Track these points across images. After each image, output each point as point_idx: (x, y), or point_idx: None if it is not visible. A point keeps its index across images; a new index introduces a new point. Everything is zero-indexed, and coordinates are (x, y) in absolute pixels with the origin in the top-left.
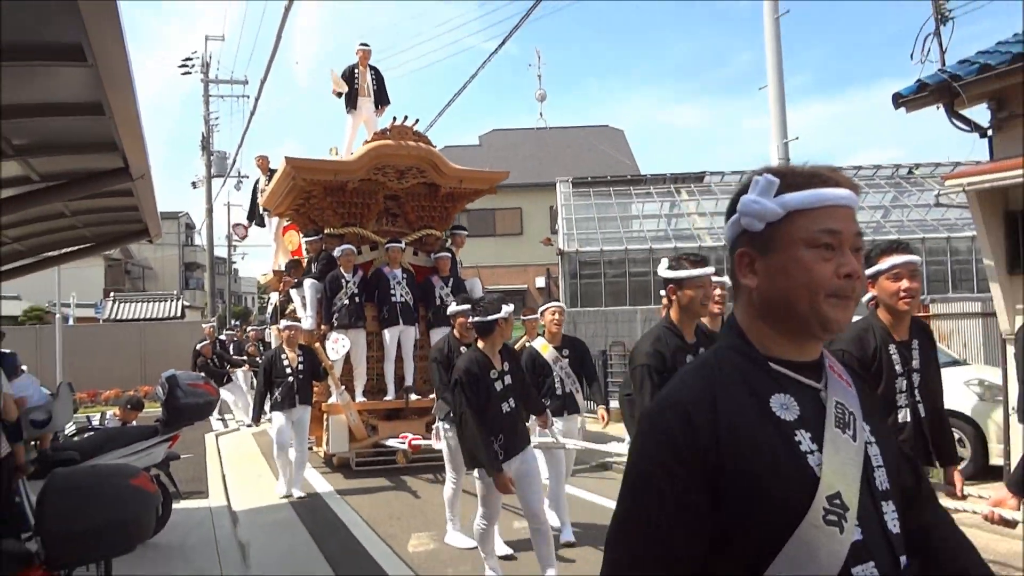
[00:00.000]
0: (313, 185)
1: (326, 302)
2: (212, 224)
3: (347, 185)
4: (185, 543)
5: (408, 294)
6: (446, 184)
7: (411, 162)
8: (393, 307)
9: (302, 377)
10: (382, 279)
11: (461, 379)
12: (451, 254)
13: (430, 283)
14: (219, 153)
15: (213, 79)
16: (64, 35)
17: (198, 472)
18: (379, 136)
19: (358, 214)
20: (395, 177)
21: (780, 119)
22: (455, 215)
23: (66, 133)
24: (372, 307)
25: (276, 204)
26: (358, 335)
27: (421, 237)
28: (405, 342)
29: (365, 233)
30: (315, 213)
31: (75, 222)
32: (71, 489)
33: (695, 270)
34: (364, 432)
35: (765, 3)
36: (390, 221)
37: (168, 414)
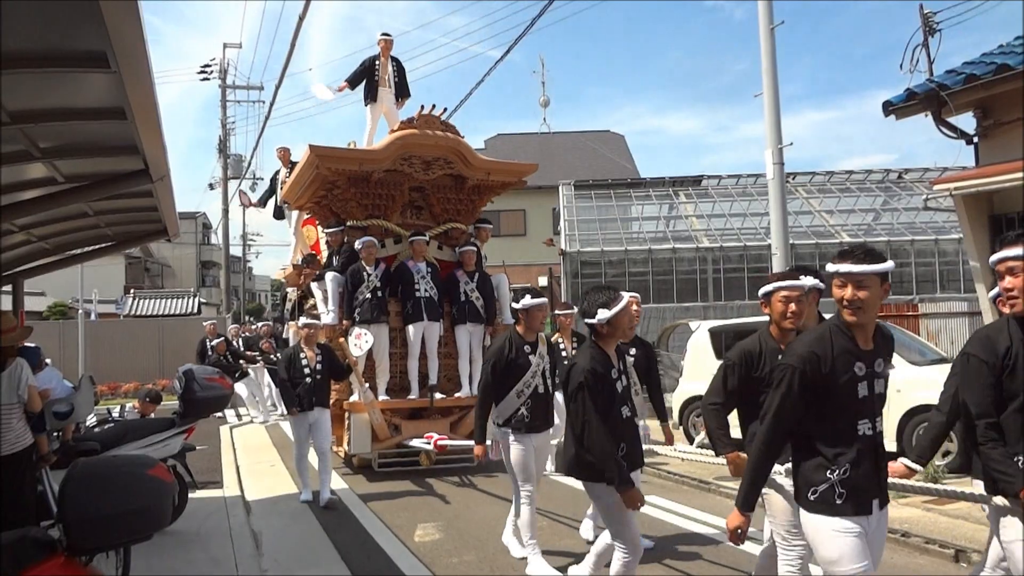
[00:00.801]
0: (337, 175)
1: (348, 296)
2: (228, 224)
3: (372, 176)
4: (201, 531)
5: (432, 289)
6: (473, 176)
7: (438, 152)
8: (417, 302)
9: (320, 378)
10: (406, 273)
11: (586, 381)
12: (476, 248)
13: (455, 278)
14: (235, 156)
15: (230, 84)
16: (89, 43)
17: (213, 463)
18: (405, 125)
19: (382, 206)
20: (421, 168)
21: (775, 125)
22: (481, 209)
23: (90, 136)
24: (395, 302)
25: (297, 196)
26: (381, 330)
27: (446, 231)
28: (429, 338)
29: (389, 226)
30: (338, 205)
31: (98, 221)
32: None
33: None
34: (387, 432)
35: (760, 14)
36: (414, 214)
37: (185, 407)
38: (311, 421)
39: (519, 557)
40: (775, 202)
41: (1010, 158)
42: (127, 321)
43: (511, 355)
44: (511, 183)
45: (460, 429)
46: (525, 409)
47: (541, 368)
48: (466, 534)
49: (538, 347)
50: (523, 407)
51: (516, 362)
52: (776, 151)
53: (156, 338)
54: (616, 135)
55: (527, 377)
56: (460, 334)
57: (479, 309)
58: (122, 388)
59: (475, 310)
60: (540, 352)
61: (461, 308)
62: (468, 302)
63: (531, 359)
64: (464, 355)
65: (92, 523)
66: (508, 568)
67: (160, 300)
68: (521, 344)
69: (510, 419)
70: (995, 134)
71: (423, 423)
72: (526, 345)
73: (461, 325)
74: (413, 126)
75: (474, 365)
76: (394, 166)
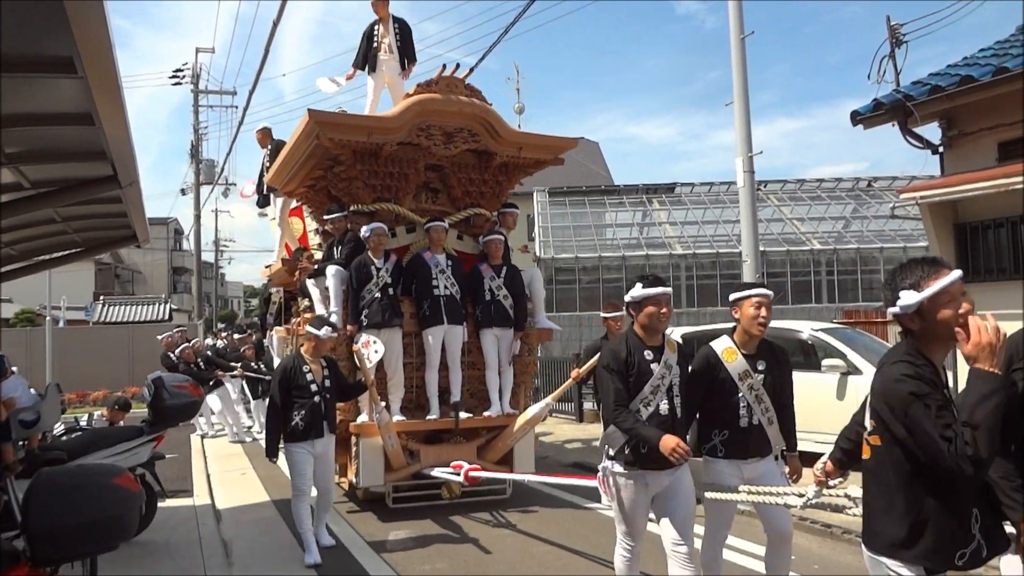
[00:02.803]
0: (341, 148)
1: (352, 295)
2: (200, 230)
3: (383, 150)
4: (170, 541)
5: (454, 286)
6: (502, 152)
7: (462, 121)
8: (436, 302)
9: (329, 397)
10: (422, 267)
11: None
12: (504, 237)
13: (479, 272)
14: (207, 161)
15: (203, 89)
16: (56, 48)
17: (183, 471)
18: (423, 89)
19: (393, 187)
20: (441, 141)
21: (745, 134)
22: (508, 192)
23: (57, 142)
24: (409, 302)
25: (287, 177)
26: (393, 336)
27: (468, 217)
28: (451, 345)
29: (401, 211)
30: (339, 187)
31: (65, 227)
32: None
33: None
34: (403, 459)
35: (731, 24)
36: (430, 197)
37: (154, 415)
38: (317, 452)
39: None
40: (746, 210)
41: (974, 168)
42: (96, 328)
43: (630, 362)
44: (546, 161)
45: (487, 455)
46: None
47: (667, 381)
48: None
49: (664, 353)
50: None
51: (635, 373)
52: (747, 159)
53: (126, 345)
54: (591, 142)
55: (646, 393)
56: (486, 340)
57: (508, 310)
58: (91, 396)
59: (503, 311)
60: (667, 360)
61: (486, 309)
62: (495, 301)
63: (654, 368)
64: (491, 365)
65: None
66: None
67: (130, 307)
68: (641, 349)
69: (622, 449)
70: (959, 144)
71: (444, 448)
72: (647, 350)
73: (486, 329)
74: (433, 89)
75: (503, 377)
76: (409, 138)
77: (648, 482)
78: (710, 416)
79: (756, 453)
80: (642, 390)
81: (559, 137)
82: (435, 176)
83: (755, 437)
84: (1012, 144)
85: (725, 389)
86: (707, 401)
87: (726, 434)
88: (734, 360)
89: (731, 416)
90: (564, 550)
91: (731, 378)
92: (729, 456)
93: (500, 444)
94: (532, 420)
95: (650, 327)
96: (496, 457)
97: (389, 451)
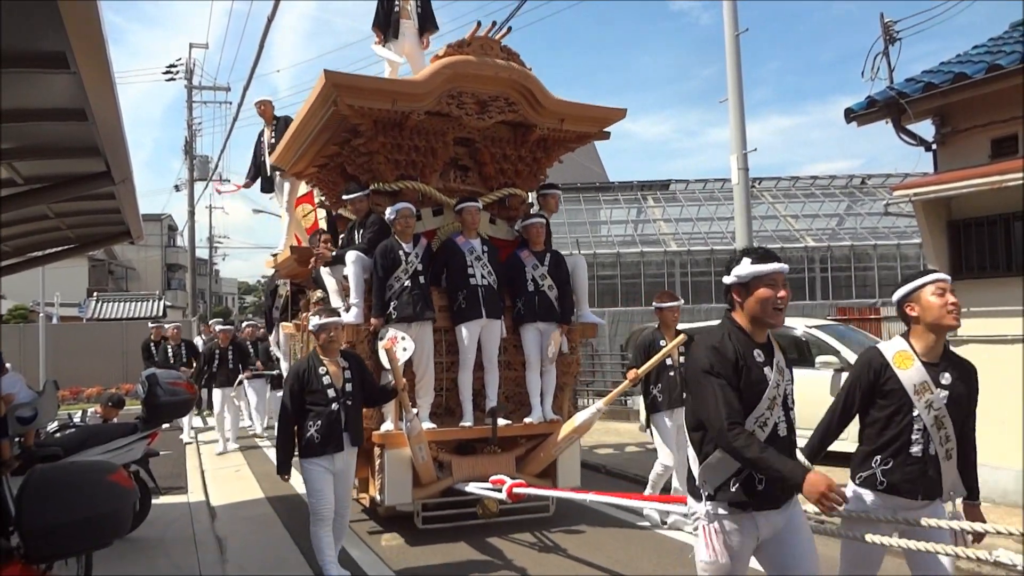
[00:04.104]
0: (361, 117)
1: (377, 284)
2: (194, 226)
3: (408, 120)
4: (164, 538)
5: (491, 275)
6: (542, 124)
7: (498, 88)
8: (473, 292)
9: (351, 403)
10: (454, 253)
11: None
12: (546, 220)
13: (518, 260)
14: (201, 157)
15: (197, 85)
16: (48, 43)
17: (178, 468)
18: (455, 50)
19: (419, 163)
20: (474, 110)
21: (740, 131)
22: (547, 169)
23: (50, 138)
24: (439, 293)
25: (296, 155)
26: (424, 331)
27: (502, 198)
28: (488, 342)
29: (427, 190)
30: (358, 162)
31: (59, 224)
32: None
33: None
34: (433, 473)
35: (726, 20)
36: (459, 176)
37: (148, 412)
38: (337, 469)
39: None
40: (740, 207)
41: (967, 165)
42: (90, 324)
43: (740, 366)
44: (590, 135)
45: (527, 467)
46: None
47: (782, 391)
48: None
49: (775, 354)
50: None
51: (745, 378)
52: (741, 156)
53: (120, 342)
54: None
55: (763, 408)
56: (527, 336)
57: (553, 302)
58: (85, 393)
59: (547, 303)
60: (778, 363)
61: (529, 301)
62: (539, 292)
63: (767, 374)
64: (533, 365)
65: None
66: None
67: (124, 303)
68: (749, 348)
69: (727, 483)
70: (953, 141)
71: (479, 459)
72: (756, 350)
73: (529, 324)
74: (466, 51)
75: (545, 378)
76: (438, 107)
77: (759, 525)
78: (873, 436)
79: (927, 494)
80: (757, 404)
81: (606, 107)
82: (464, 152)
83: (928, 472)
84: (1005, 141)
85: (894, 404)
86: (866, 417)
87: (890, 463)
88: (909, 367)
89: (900, 440)
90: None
91: (903, 390)
92: (892, 491)
93: (542, 455)
94: (580, 428)
95: (762, 318)
96: (537, 469)
97: (419, 464)
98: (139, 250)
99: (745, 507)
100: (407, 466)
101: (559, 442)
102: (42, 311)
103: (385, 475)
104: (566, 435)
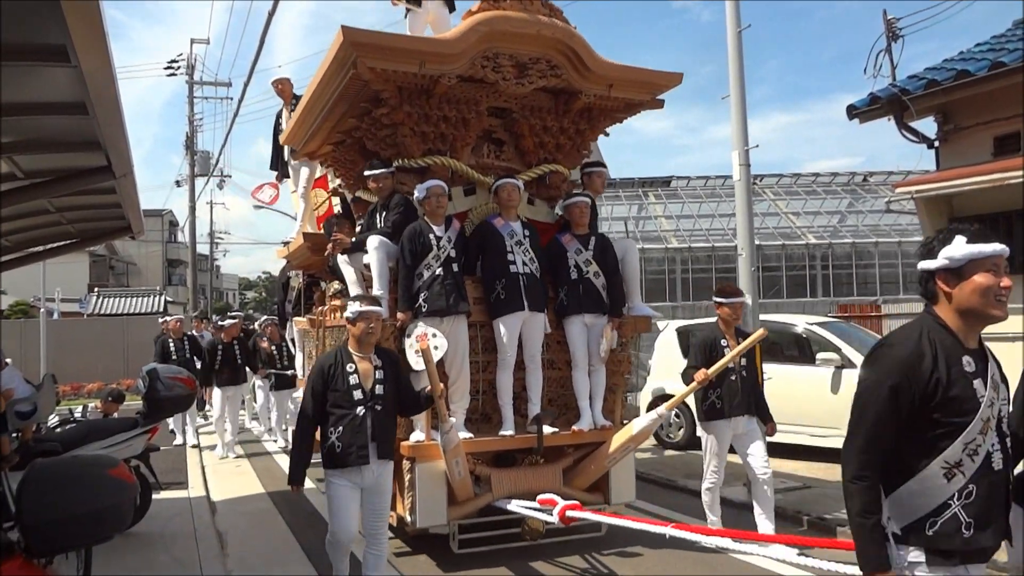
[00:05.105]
0: (384, 82)
1: (404, 273)
2: (195, 222)
3: (437, 85)
4: (165, 532)
5: (533, 261)
6: (588, 90)
7: (540, 49)
8: (513, 281)
9: (381, 408)
10: (492, 237)
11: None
12: (591, 201)
13: (559, 246)
14: (203, 153)
15: (198, 81)
16: (48, 37)
17: (178, 463)
18: (490, 5)
19: (449, 136)
20: (512, 75)
21: (741, 127)
22: (591, 143)
23: (50, 132)
24: (474, 283)
25: (310, 129)
26: (458, 327)
27: (542, 176)
28: (531, 338)
29: (459, 167)
30: (380, 135)
31: (59, 218)
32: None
33: None
34: (471, 490)
35: (728, 17)
36: (493, 151)
37: (148, 407)
38: (365, 484)
39: None
40: (741, 203)
41: (969, 162)
42: (91, 320)
43: (935, 377)
44: (641, 103)
45: (574, 480)
46: (962, 509)
47: (996, 412)
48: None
49: (988, 364)
50: (959, 504)
51: (942, 395)
52: (742, 153)
53: (121, 337)
54: None
55: (973, 433)
56: (572, 330)
57: (600, 291)
58: (85, 388)
59: (595, 293)
60: (993, 376)
61: (573, 290)
62: (583, 280)
63: (978, 389)
64: (580, 364)
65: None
66: None
67: (125, 299)
68: (956, 353)
69: (924, 524)
70: (955, 138)
71: (520, 473)
72: (966, 356)
73: (574, 316)
74: (503, 6)
75: (593, 378)
76: (472, 70)
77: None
78: None
79: None
80: (968, 428)
81: (658, 71)
82: (499, 124)
83: None
84: (1008, 139)
85: None
86: None
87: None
88: None
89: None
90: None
91: None
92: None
93: (592, 467)
94: (637, 437)
95: (982, 312)
96: (586, 483)
97: (455, 480)
98: (140, 246)
99: (952, 557)
100: (441, 482)
101: (613, 452)
102: (43, 307)
103: (416, 492)
104: (621, 444)
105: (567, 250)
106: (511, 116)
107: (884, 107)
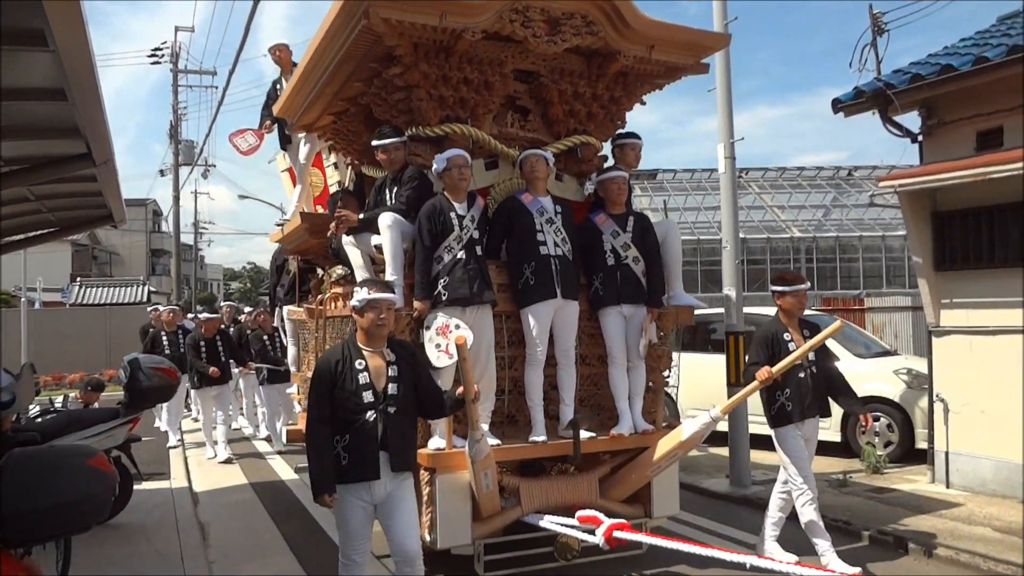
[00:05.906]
0: (399, 37)
1: (422, 256)
2: (179, 211)
3: (458, 43)
4: (146, 523)
5: (566, 243)
6: (627, 52)
7: (575, 2)
8: (544, 265)
9: (394, 411)
10: (520, 214)
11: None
12: (627, 176)
13: (593, 226)
14: (187, 142)
15: (182, 69)
16: (25, 20)
17: (160, 454)
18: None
19: (470, 101)
20: (543, 31)
21: (727, 121)
22: (626, 112)
23: (28, 118)
24: (498, 268)
25: (308, 96)
26: (483, 317)
27: (572, 148)
28: (563, 330)
29: (480, 136)
30: (392, 99)
31: (39, 206)
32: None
33: None
34: (498, 504)
35: (715, 9)
36: (517, 119)
37: (130, 397)
38: (379, 499)
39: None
40: (726, 197)
41: (953, 157)
42: (73, 310)
43: None
44: (684, 67)
45: (612, 490)
46: None
47: None
48: None
49: None
50: None
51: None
52: (728, 146)
53: (103, 327)
54: None
55: None
56: (609, 323)
57: (640, 278)
58: (67, 378)
59: (634, 281)
60: None
61: (610, 278)
62: (621, 266)
63: None
64: (617, 360)
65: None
66: None
67: (108, 288)
68: None
69: None
70: (938, 133)
71: (552, 483)
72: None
73: (610, 307)
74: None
75: (632, 376)
76: (498, 25)
77: None
78: None
79: None
80: None
81: (705, 31)
82: (524, 89)
83: None
84: (991, 133)
85: None
86: None
87: None
88: None
89: None
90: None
91: None
92: None
93: (633, 476)
94: (686, 443)
95: None
96: (625, 494)
97: (481, 494)
98: (123, 235)
99: None
100: (465, 496)
101: (658, 460)
102: (24, 296)
103: (436, 508)
104: (668, 451)
105: (602, 232)
106: (538, 80)
107: (869, 101)
